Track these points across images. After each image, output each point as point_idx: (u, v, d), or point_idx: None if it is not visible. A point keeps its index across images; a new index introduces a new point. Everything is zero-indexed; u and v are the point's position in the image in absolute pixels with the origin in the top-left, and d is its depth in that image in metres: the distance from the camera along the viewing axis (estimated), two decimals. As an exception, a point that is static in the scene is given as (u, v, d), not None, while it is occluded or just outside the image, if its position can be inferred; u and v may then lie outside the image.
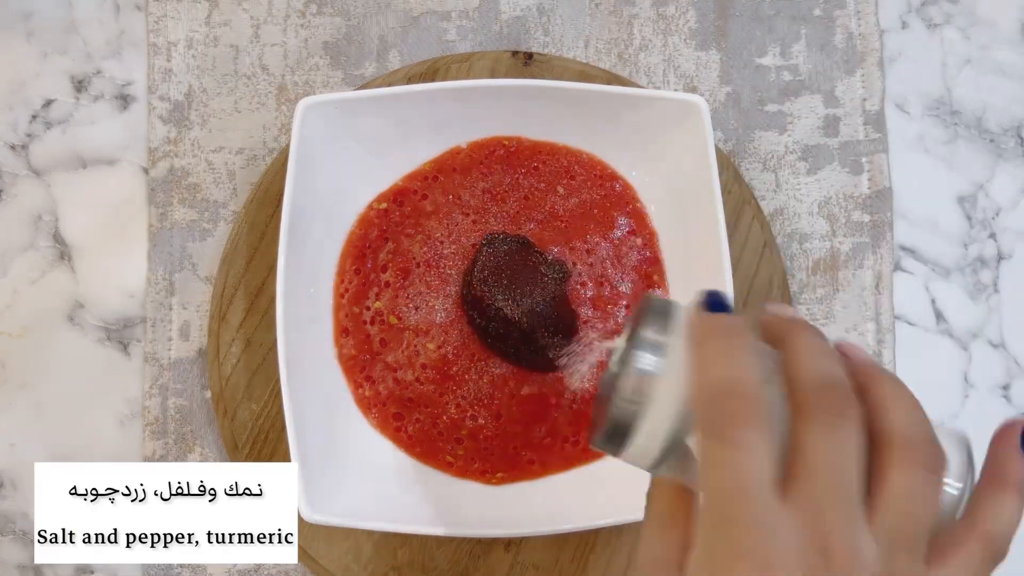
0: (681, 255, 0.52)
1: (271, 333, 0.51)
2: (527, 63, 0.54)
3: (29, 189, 0.55)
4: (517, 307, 0.49)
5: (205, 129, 0.55)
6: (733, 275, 0.48)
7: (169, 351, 0.54)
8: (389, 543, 0.51)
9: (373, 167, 0.52)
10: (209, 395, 0.53)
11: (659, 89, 0.56)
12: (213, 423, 0.53)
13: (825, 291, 0.55)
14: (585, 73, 0.54)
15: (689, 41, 0.56)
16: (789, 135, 0.56)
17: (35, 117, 0.56)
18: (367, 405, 0.51)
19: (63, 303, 0.54)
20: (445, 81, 0.53)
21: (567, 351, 0.50)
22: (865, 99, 0.56)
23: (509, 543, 0.51)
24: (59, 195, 0.55)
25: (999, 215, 0.56)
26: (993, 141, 0.57)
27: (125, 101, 0.56)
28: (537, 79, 0.52)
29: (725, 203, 0.49)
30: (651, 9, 0.56)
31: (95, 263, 0.55)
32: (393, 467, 0.50)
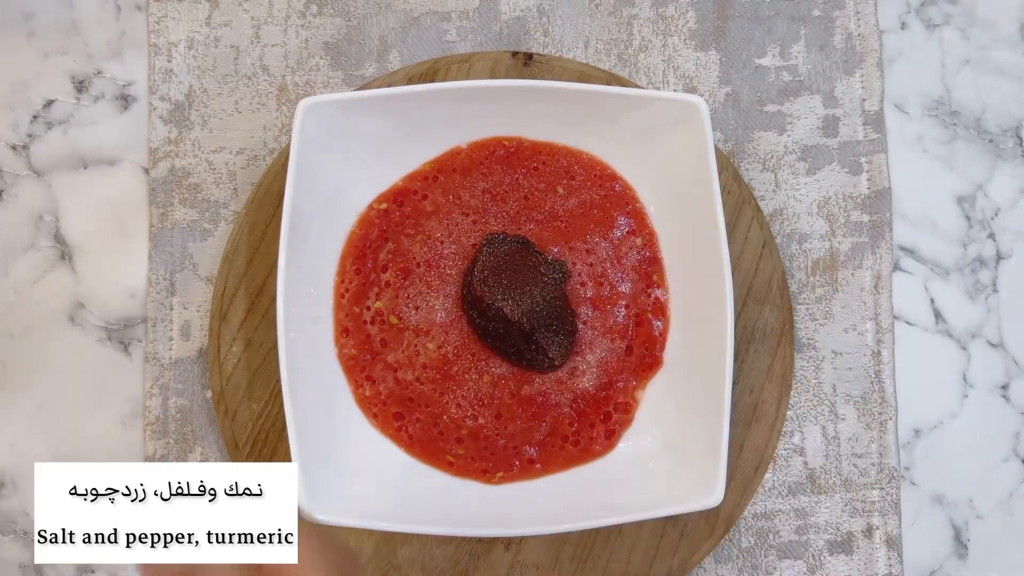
0: (681, 255, 0.52)
1: (272, 333, 0.51)
2: (527, 64, 0.54)
3: (30, 189, 0.55)
4: (517, 307, 0.49)
5: (206, 129, 0.55)
6: (733, 275, 0.48)
7: (170, 351, 0.54)
8: (389, 542, 0.51)
9: (373, 167, 0.52)
10: (210, 395, 0.53)
11: (659, 89, 0.56)
12: (214, 423, 0.53)
13: (824, 291, 0.55)
14: (585, 74, 0.54)
15: (689, 42, 0.56)
16: (788, 135, 0.56)
17: (36, 117, 0.56)
18: (367, 405, 0.51)
19: (64, 303, 0.54)
20: (445, 81, 0.53)
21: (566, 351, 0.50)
22: (864, 99, 0.56)
23: (509, 543, 0.51)
24: (60, 195, 0.55)
25: (998, 215, 0.56)
26: (992, 141, 0.57)
27: (126, 101, 0.56)
28: (537, 79, 0.53)
29: (725, 203, 0.49)
30: (651, 10, 0.56)
31: (96, 263, 0.55)
32: (393, 467, 0.50)
